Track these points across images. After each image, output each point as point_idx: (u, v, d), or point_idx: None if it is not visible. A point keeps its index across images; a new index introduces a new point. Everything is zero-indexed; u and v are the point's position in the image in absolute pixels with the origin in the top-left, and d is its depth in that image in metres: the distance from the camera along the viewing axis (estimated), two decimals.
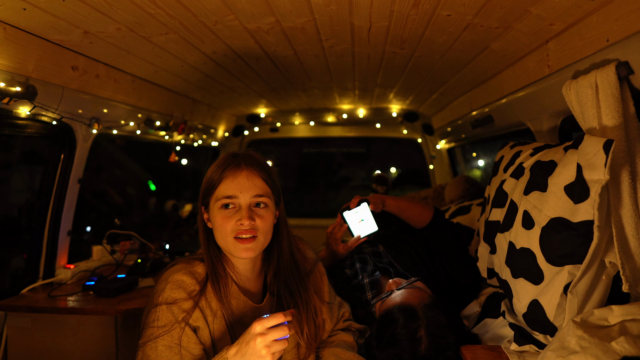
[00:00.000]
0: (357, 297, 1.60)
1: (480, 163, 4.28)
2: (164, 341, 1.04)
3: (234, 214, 1.13)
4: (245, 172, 1.15)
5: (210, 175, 1.17)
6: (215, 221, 1.15)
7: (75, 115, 1.93)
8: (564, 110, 1.53)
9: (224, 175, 1.15)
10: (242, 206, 1.13)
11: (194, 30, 1.56)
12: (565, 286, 1.08)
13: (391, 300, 1.42)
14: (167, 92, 2.57)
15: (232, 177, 1.14)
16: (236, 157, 1.19)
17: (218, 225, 1.13)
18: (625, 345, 0.85)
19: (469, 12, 1.34)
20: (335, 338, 1.34)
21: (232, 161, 1.17)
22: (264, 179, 1.17)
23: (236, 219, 1.12)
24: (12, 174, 3.04)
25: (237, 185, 1.13)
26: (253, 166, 1.17)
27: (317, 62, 2.09)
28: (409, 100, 3.18)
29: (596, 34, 1.19)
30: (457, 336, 1.26)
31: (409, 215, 1.82)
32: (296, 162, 5.81)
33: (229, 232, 1.12)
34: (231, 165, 1.16)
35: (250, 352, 0.97)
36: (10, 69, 1.47)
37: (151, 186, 4.07)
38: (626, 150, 1.04)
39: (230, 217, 1.12)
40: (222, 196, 1.13)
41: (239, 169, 1.15)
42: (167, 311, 1.07)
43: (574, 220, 1.05)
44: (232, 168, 1.15)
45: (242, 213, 1.12)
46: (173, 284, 1.10)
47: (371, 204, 1.72)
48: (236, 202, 1.13)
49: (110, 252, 2.53)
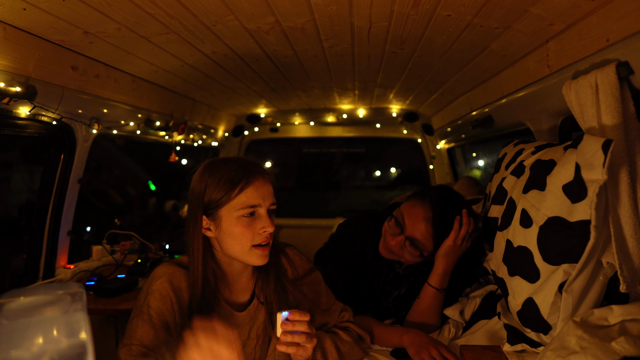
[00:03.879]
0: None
1: (480, 163, 4.28)
2: (137, 350, 1.07)
3: (254, 222, 1.14)
4: (262, 180, 1.17)
5: (221, 185, 1.14)
6: (232, 230, 1.14)
7: (75, 115, 1.93)
8: (563, 110, 1.53)
9: (248, 184, 1.14)
10: (262, 214, 1.15)
11: (194, 30, 1.56)
12: (560, 285, 1.08)
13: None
14: (167, 92, 2.58)
15: (256, 186, 1.15)
16: (254, 166, 1.19)
17: (237, 234, 1.13)
18: (625, 345, 0.85)
19: (469, 12, 1.34)
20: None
21: (253, 172, 1.17)
22: (272, 185, 1.20)
23: (260, 226, 1.14)
24: (12, 174, 3.04)
25: (261, 194, 1.15)
26: (265, 173, 1.20)
27: (317, 62, 2.09)
28: (408, 100, 3.18)
29: (596, 34, 1.19)
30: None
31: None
32: (296, 162, 5.81)
33: (249, 240, 1.13)
34: (253, 174, 1.16)
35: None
36: (10, 69, 1.47)
37: (151, 186, 4.07)
38: (625, 150, 1.04)
39: (251, 225, 1.14)
40: (246, 205, 1.13)
41: (261, 178, 1.17)
42: (148, 321, 1.10)
43: (572, 220, 1.05)
44: (254, 177, 1.16)
45: (264, 220, 1.14)
46: (156, 293, 1.13)
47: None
48: (257, 211, 1.15)
49: (110, 252, 2.54)
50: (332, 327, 1.35)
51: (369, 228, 1.73)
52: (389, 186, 6.62)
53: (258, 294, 1.25)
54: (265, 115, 3.78)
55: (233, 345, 0.90)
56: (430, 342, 1.31)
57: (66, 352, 0.58)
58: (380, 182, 6.82)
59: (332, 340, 1.24)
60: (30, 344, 0.56)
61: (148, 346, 1.09)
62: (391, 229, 1.60)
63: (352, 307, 1.43)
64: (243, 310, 1.22)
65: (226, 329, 0.92)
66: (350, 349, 1.27)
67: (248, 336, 1.22)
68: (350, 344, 1.28)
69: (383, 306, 1.70)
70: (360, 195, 6.77)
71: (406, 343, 1.35)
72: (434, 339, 1.35)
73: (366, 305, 1.65)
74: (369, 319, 1.48)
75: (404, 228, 1.58)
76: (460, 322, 1.53)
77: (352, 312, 1.42)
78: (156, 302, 1.12)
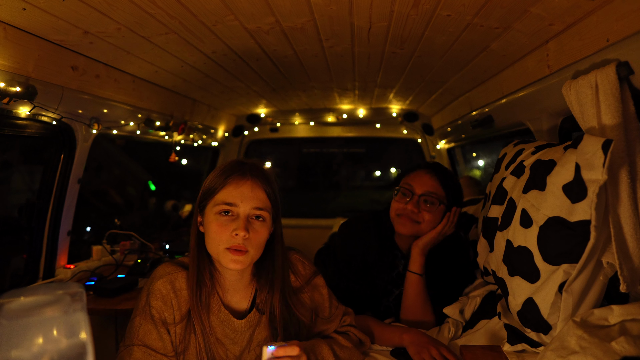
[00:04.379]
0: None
1: (480, 163, 4.28)
2: (140, 350, 1.08)
3: (230, 222, 1.10)
4: (250, 182, 1.13)
5: (213, 178, 1.15)
6: (209, 227, 1.12)
7: (75, 116, 1.93)
8: (563, 110, 1.53)
9: (227, 181, 1.13)
10: (241, 216, 1.11)
11: (194, 30, 1.56)
12: (560, 285, 1.08)
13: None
14: (167, 92, 2.58)
15: (236, 184, 1.12)
16: (243, 166, 1.17)
17: (212, 232, 1.11)
18: (625, 345, 0.85)
19: (469, 12, 1.34)
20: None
21: (238, 169, 1.15)
22: (267, 192, 1.15)
23: (232, 228, 1.09)
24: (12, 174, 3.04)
25: (240, 193, 1.11)
26: (258, 177, 1.15)
27: (317, 62, 2.09)
28: (408, 100, 3.18)
29: (596, 34, 1.19)
30: None
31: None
32: (296, 162, 5.82)
33: (223, 241, 1.10)
34: (237, 172, 1.14)
35: None
36: (10, 69, 1.47)
37: (151, 186, 4.07)
38: (625, 150, 1.04)
39: (226, 225, 1.10)
40: (222, 202, 1.11)
41: (244, 178, 1.13)
42: (149, 321, 1.10)
43: (572, 220, 1.05)
44: (237, 175, 1.14)
45: (239, 223, 1.09)
46: (157, 293, 1.13)
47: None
48: (235, 211, 1.11)
49: (110, 252, 2.53)
50: (332, 332, 1.33)
51: (370, 228, 1.73)
52: (389, 186, 6.62)
53: (259, 304, 1.22)
54: (265, 115, 3.78)
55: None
56: (430, 342, 1.32)
57: (66, 352, 0.58)
58: (380, 182, 6.83)
59: (330, 346, 1.21)
60: (30, 344, 0.56)
61: (149, 346, 1.09)
62: (402, 199, 1.67)
63: (352, 307, 1.43)
64: (242, 318, 1.20)
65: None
66: (349, 355, 1.25)
67: (246, 346, 1.19)
68: (349, 350, 1.26)
69: (384, 305, 1.71)
70: (360, 195, 6.77)
71: (406, 342, 1.35)
72: (434, 339, 1.35)
73: (367, 305, 1.65)
74: (368, 319, 1.49)
75: (413, 191, 1.66)
76: (460, 321, 1.53)
77: (353, 312, 1.42)
78: (157, 302, 1.12)
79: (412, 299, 1.60)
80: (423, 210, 1.63)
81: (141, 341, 1.09)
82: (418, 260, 1.62)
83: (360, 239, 1.72)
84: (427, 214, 1.63)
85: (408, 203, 1.64)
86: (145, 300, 1.13)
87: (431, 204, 1.64)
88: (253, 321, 1.20)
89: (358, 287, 1.67)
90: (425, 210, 1.63)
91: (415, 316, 1.59)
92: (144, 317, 1.11)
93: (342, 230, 1.82)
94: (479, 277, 1.77)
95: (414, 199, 1.64)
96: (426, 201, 1.64)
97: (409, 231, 1.64)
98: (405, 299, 1.62)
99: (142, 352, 1.08)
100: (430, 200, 1.64)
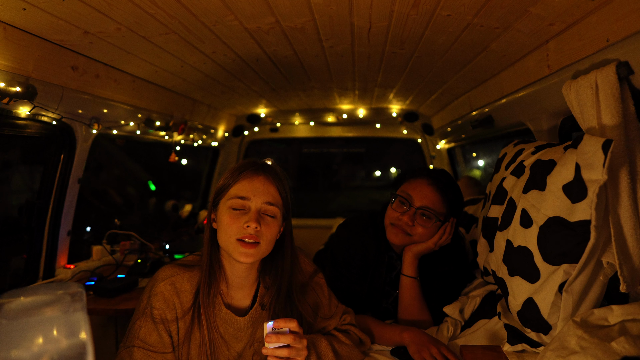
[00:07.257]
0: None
1: (480, 163, 4.28)
2: (140, 351, 1.09)
3: (243, 215, 1.14)
4: (263, 178, 1.18)
5: (227, 176, 1.20)
6: (222, 220, 1.15)
7: (75, 116, 1.93)
8: (563, 110, 1.53)
9: (240, 177, 1.17)
10: (252, 209, 1.15)
11: (194, 30, 1.56)
12: (560, 285, 1.08)
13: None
14: (167, 92, 2.58)
15: (249, 179, 1.17)
16: (256, 163, 1.22)
17: (225, 224, 1.14)
18: (625, 345, 0.85)
19: (469, 12, 1.34)
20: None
21: (251, 166, 1.20)
22: (278, 190, 1.19)
23: (244, 220, 1.13)
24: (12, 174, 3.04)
25: (252, 188, 1.16)
26: (271, 174, 1.20)
27: (317, 62, 2.09)
28: (409, 100, 3.18)
29: (596, 34, 1.19)
30: None
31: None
32: (296, 162, 5.82)
33: (234, 232, 1.13)
34: (250, 168, 1.19)
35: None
36: (10, 69, 1.47)
37: (151, 186, 4.07)
38: (625, 150, 1.04)
39: (238, 217, 1.14)
40: (235, 195, 1.15)
41: (257, 173, 1.18)
42: (150, 323, 1.11)
43: (572, 220, 1.05)
44: (250, 171, 1.19)
45: (250, 215, 1.13)
46: (159, 295, 1.13)
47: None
48: (247, 205, 1.15)
49: (110, 252, 2.53)
50: (332, 329, 1.34)
51: (369, 228, 1.73)
52: (389, 186, 6.61)
53: (261, 299, 1.24)
54: (265, 115, 3.78)
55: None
56: (430, 341, 1.32)
57: (66, 352, 0.58)
58: (380, 182, 6.83)
59: (329, 342, 1.23)
60: (30, 344, 0.56)
61: (150, 348, 1.09)
62: (399, 208, 1.63)
63: (352, 308, 1.43)
64: (244, 315, 1.22)
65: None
66: (349, 352, 1.26)
67: (248, 342, 1.21)
68: (349, 347, 1.27)
69: (382, 307, 1.70)
70: (360, 195, 6.77)
71: (407, 341, 1.35)
72: (434, 338, 1.35)
73: (366, 306, 1.65)
74: (368, 318, 1.49)
75: (411, 202, 1.60)
76: (459, 321, 1.53)
77: (353, 312, 1.42)
78: (159, 304, 1.12)
79: (408, 301, 1.60)
80: (418, 223, 1.58)
81: (142, 342, 1.09)
82: (411, 265, 1.61)
83: (358, 240, 1.72)
84: (421, 228, 1.58)
85: (404, 214, 1.60)
86: (147, 301, 1.14)
87: (427, 218, 1.58)
88: (255, 317, 1.22)
89: (357, 288, 1.66)
90: (420, 224, 1.58)
91: (412, 317, 1.59)
92: (145, 319, 1.12)
93: (340, 230, 1.81)
94: (478, 277, 1.77)
95: (410, 210, 1.59)
96: (423, 214, 1.58)
97: (400, 242, 1.62)
98: (402, 301, 1.62)
99: (143, 354, 1.08)
100: (427, 214, 1.58)
